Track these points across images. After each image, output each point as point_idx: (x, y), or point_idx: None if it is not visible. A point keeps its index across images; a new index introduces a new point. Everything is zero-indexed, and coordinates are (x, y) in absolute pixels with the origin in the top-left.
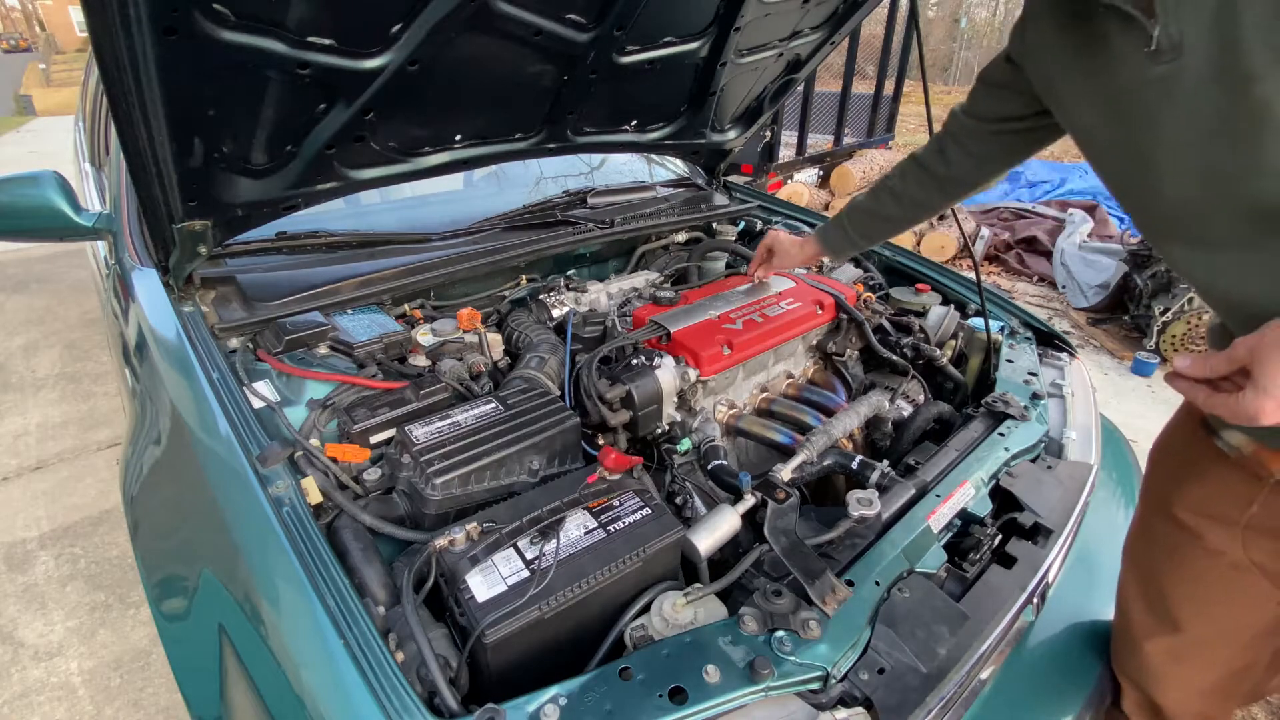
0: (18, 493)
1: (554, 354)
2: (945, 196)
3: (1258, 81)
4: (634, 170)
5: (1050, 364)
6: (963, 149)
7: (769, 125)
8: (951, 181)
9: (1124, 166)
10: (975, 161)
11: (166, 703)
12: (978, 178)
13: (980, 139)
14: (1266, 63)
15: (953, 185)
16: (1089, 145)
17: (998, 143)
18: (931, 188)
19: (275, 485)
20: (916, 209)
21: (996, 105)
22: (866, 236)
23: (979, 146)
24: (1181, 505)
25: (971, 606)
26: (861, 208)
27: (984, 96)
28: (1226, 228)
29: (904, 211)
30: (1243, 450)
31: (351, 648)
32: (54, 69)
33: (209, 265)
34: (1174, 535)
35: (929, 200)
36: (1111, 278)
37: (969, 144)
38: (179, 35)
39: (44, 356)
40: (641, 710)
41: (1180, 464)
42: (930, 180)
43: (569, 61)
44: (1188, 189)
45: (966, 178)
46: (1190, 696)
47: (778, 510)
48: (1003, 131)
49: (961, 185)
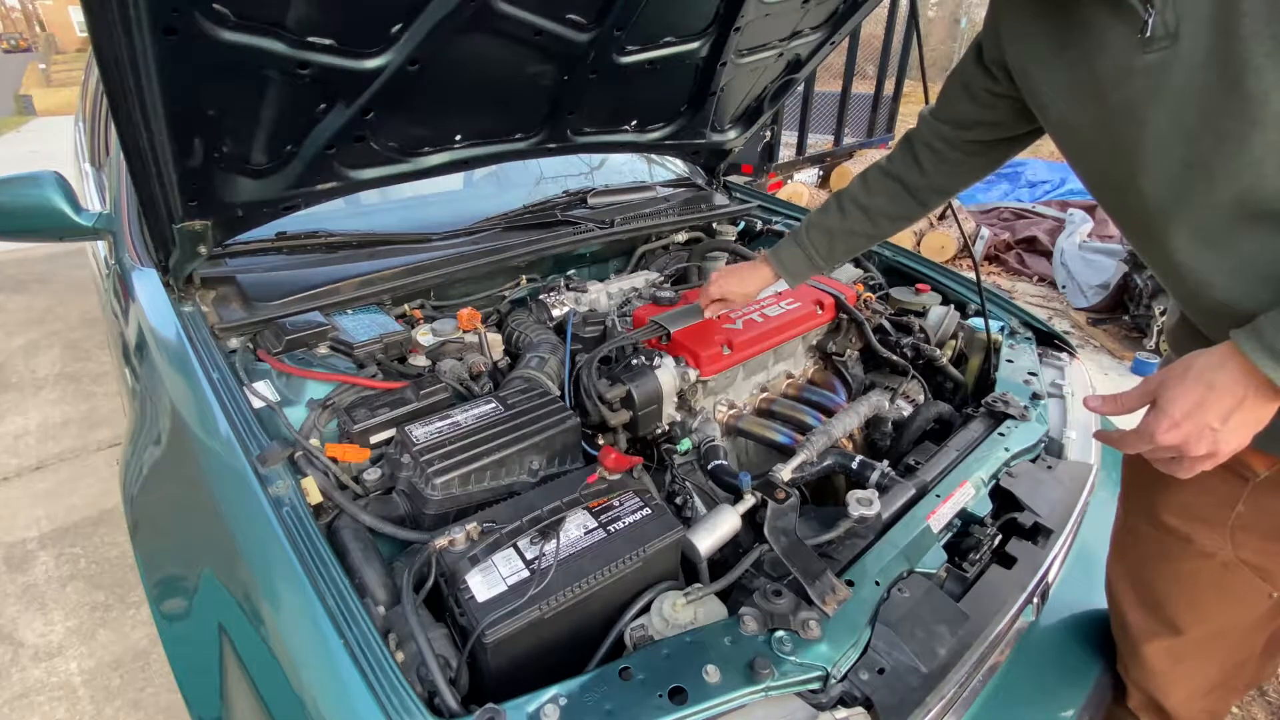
0: (18, 493)
1: (554, 354)
2: (920, 206)
3: (1253, 73)
4: (634, 170)
5: (1050, 364)
6: (937, 155)
7: (769, 125)
8: (927, 190)
9: (1104, 160)
10: (951, 168)
11: (166, 703)
12: (954, 184)
13: (955, 144)
14: (1265, 54)
15: (928, 194)
16: (1069, 139)
17: (974, 148)
18: (905, 198)
19: (275, 485)
20: (889, 221)
21: (970, 109)
22: (829, 257)
23: (954, 152)
24: (1167, 510)
25: (971, 606)
26: (823, 225)
27: (957, 99)
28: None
29: (874, 225)
30: None
31: (351, 648)
32: (54, 69)
33: (209, 265)
34: (1163, 540)
35: (903, 211)
36: (1111, 278)
37: (943, 150)
38: (179, 35)
39: (44, 356)
40: (641, 710)
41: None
42: (903, 191)
43: (569, 62)
44: (1169, 183)
45: (942, 185)
46: (1194, 694)
47: (778, 510)
48: (979, 137)
49: (937, 193)
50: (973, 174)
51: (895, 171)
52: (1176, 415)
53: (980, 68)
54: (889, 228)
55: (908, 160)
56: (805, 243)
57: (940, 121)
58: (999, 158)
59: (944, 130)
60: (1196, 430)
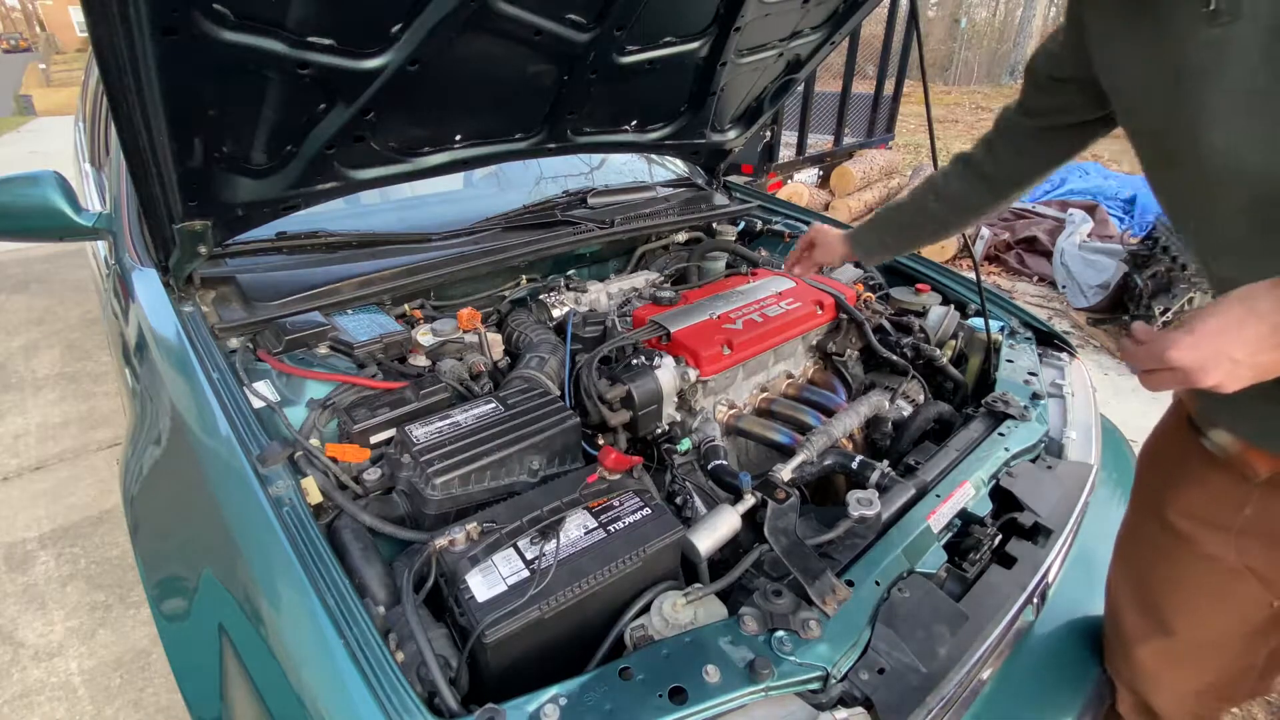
0: (18, 493)
1: (554, 354)
2: (993, 197)
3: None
4: (634, 170)
5: (1050, 364)
6: (1012, 146)
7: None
8: (999, 180)
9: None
10: (1024, 159)
11: (166, 703)
12: (1025, 176)
13: (1030, 135)
14: None
15: (1000, 184)
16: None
17: (1047, 137)
18: (978, 186)
19: (275, 485)
20: (959, 210)
21: (1047, 99)
22: (900, 239)
23: (1028, 143)
24: (1174, 509)
25: (971, 606)
26: (897, 206)
27: (1033, 91)
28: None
29: (945, 210)
30: (1229, 450)
31: (351, 647)
32: (54, 69)
33: (209, 265)
34: (1167, 539)
35: (973, 200)
36: (1111, 278)
37: (1018, 141)
38: (179, 35)
39: (44, 356)
40: (641, 710)
41: (1171, 467)
42: (976, 178)
43: (569, 62)
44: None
45: (1014, 176)
46: (1184, 699)
47: (778, 510)
48: (1054, 126)
49: (1009, 184)
50: (1044, 163)
51: (972, 159)
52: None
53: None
54: (962, 218)
55: (984, 152)
56: (880, 225)
57: (1015, 112)
58: (1070, 146)
59: (1017, 120)
60: (1215, 355)
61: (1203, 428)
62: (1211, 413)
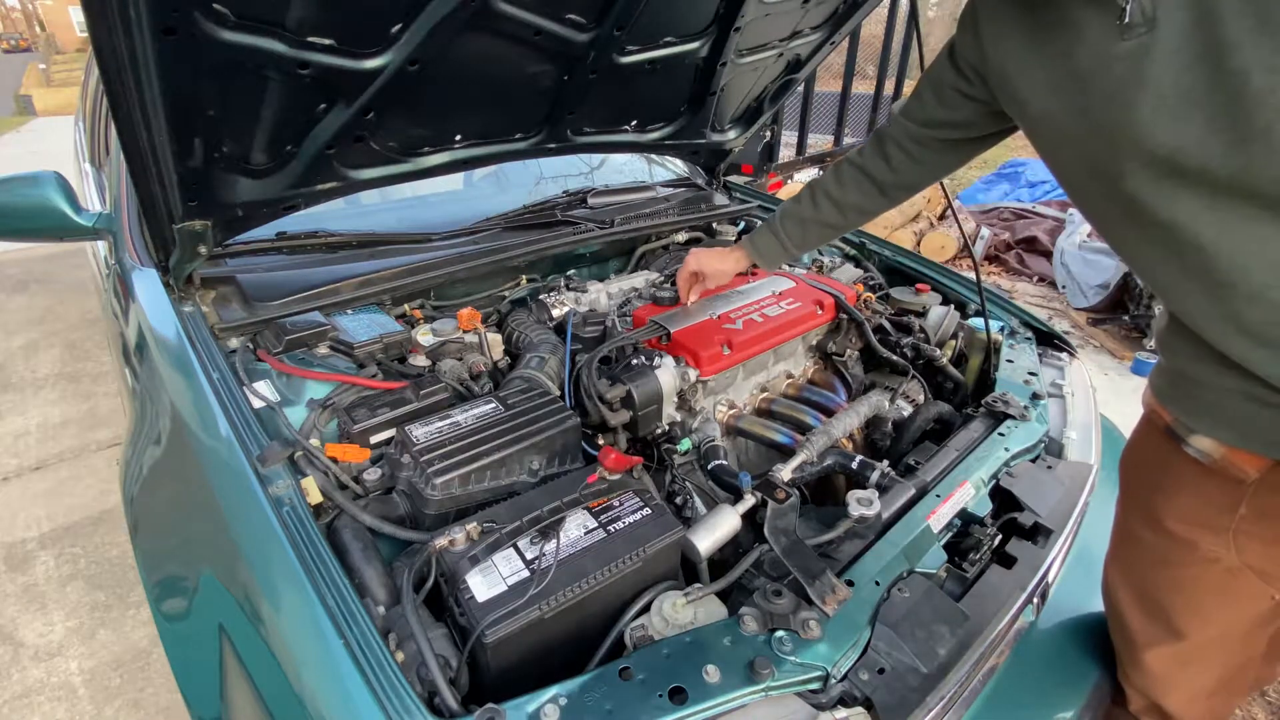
0: (18, 493)
1: (554, 354)
2: (887, 201)
3: (1235, 50)
4: (634, 170)
5: (1050, 364)
6: (906, 154)
7: (769, 125)
8: (895, 187)
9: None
10: (919, 166)
11: (166, 703)
12: (921, 181)
13: (924, 143)
14: (1245, 29)
15: (896, 190)
16: (1045, 134)
17: (942, 146)
18: (873, 193)
19: (275, 485)
20: (858, 214)
21: (940, 110)
22: (802, 244)
23: (923, 150)
24: (1171, 516)
25: (971, 606)
26: (796, 215)
27: (928, 100)
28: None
29: (844, 218)
30: (1214, 455)
31: (351, 648)
32: (54, 69)
33: (209, 265)
34: (1166, 546)
35: (870, 205)
36: (1111, 278)
37: (912, 149)
38: (179, 35)
39: (44, 356)
40: (641, 710)
41: (1158, 476)
42: (872, 185)
43: (569, 61)
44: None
45: (910, 182)
46: (1197, 697)
47: (778, 510)
48: (947, 137)
49: (905, 189)
50: (939, 171)
51: (866, 167)
52: None
53: (954, 69)
54: (857, 220)
55: (878, 158)
56: (779, 230)
57: (910, 121)
58: (965, 156)
59: (914, 129)
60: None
61: (1183, 435)
62: (1190, 420)
